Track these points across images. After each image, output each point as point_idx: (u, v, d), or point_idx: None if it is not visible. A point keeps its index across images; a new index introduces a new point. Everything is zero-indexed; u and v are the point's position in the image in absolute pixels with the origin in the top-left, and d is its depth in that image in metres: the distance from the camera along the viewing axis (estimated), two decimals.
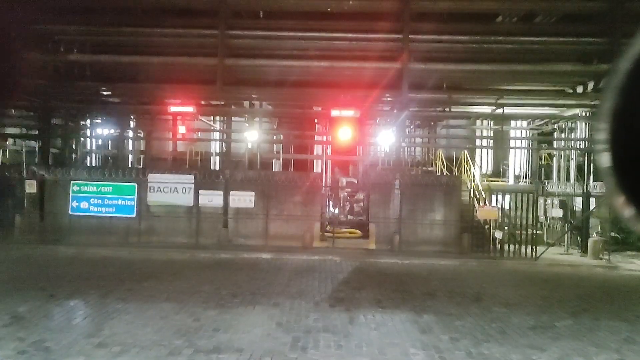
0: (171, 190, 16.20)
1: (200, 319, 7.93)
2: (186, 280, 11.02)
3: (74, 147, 20.70)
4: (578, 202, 18.81)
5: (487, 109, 19.52)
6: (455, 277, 12.85)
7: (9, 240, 15.39)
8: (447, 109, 20.58)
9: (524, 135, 23.17)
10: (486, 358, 6.63)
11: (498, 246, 16.06)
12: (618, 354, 6.99)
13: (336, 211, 19.79)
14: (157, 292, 9.71)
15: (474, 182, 20.06)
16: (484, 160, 24.57)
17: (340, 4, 16.19)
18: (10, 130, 21.11)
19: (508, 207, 16.71)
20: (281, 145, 23.35)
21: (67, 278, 11.03)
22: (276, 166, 23.55)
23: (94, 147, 23.76)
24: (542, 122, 21.27)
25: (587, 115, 17.98)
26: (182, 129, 17.28)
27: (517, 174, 23.24)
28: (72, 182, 15.97)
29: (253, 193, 16.23)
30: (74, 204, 15.88)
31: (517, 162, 23.34)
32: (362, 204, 20.72)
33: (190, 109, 17.04)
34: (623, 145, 0.96)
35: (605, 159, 0.99)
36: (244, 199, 16.23)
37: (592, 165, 17.76)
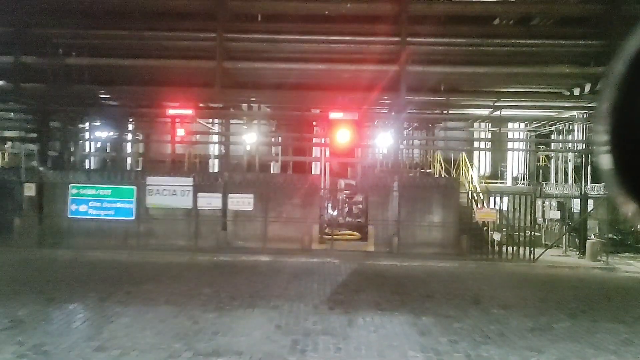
0: (170, 193, 16.18)
1: (199, 322, 7.92)
2: (185, 283, 11.01)
3: (72, 150, 20.66)
4: (576, 204, 18.86)
5: (484, 111, 19.55)
6: (454, 279, 12.86)
7: (8, 243, 15.37)
8: (445, 111, 20.60)
9: (521, 137, 23.20)
10: None
11: (496, 248, 16.07)
12: (616, 356, 7.00)
13: (335, 213, 19.79)
14: (156, 295, 9.70)
15: (472, 184, 20.08)
16: (482, 162, 24.59)
17: (338, 7, 16.22)
18: (8, 134, 21.08)
19: (506, 209, 16.73)
20: (280, 147, 23.35)
21: (65, 281, 11.01)
22: (275, 168, 23.54)
23: (92, 150, 23.75)
24: (540, 124, 21.31)
25: (584, 117, 18.03)
26: (180, 132, 17.29)
27: (515, 175, 23.28)
28: (70, 185, 15.94)
29: (252, 195, 16.22)
30: (73, 206, 15.86)
31: (515, 164, 23.38)
32: (360, 206, 20.71)
33: (188, 111, 17.05)
34: (622, 145, 0.98)
35: (605, 160, 1.00)
36: (242, 202, 16.22)
37: (589, 167, 17.80)
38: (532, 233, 16.20)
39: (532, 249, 15.67)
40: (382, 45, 16.65)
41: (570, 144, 20.14)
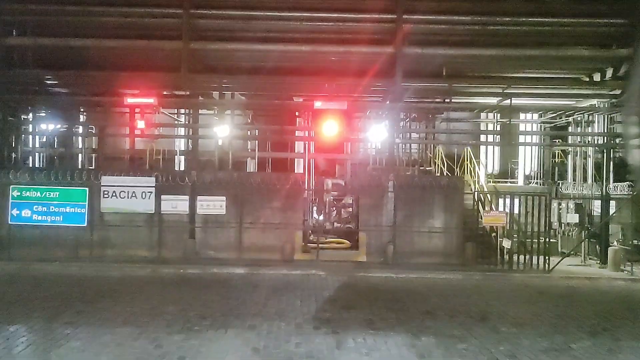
0: (129, 195, 16.08)
1: (163, 345, 7.87)
2: (147, 301, 10.94)
3: (13, 146, 20.40)
4: (596, 206, 19.04)
5: (492, 100, 19.68)
6: (458, 293, 12.93)
7: None
8: (447, 100, 20.69)
9: (534, 129, 23.39)
10: None
11: (506, 257, 16.19)
12: None
13: (321, 218, 19.79)
14: (112, 315, 9.63)
15: (478, 183, 20.21)
16: (490, 158, 24.77)
17: None
18: None
19: (517, 212, 16.86)
20: (257, 142, 23.29)
21: (6, 299, 10.88)
22: (251, 166, 23.49)
23: (37, 145, 23.48)
24: (555, 114, 21.50)
25: (606, 106, 18.21)
26: (141, 124, 17.15)
27: (527, 174, 23.46)
28: (11, 186, 15.77)
29: (224, 198, 16.19)
30: (14, 211, 15.68)
31: (528, 160, 23.57)
32: (350, 209, 20.74)
33: (150, 100, 16.93)
34: None
35: (636, 155, 1.00)
36: (213, 205, 16.18)
37: (612, 163, 17.99)
38: (547, 239, 16.35)
39: (546, 257, 15.82)
40: (375, 24, 16.68)
41: (590, 137, 20.34)
